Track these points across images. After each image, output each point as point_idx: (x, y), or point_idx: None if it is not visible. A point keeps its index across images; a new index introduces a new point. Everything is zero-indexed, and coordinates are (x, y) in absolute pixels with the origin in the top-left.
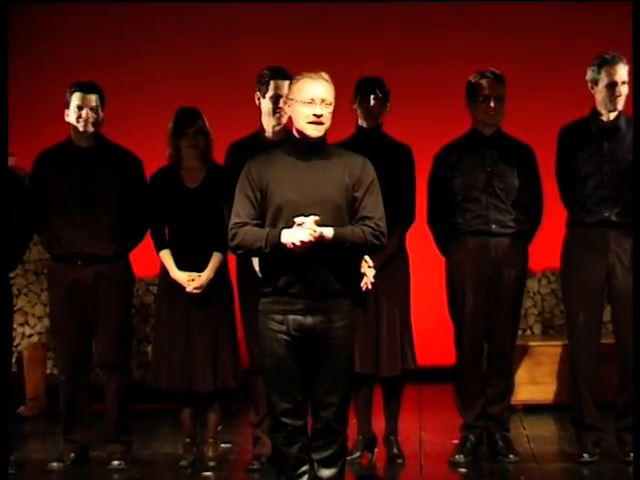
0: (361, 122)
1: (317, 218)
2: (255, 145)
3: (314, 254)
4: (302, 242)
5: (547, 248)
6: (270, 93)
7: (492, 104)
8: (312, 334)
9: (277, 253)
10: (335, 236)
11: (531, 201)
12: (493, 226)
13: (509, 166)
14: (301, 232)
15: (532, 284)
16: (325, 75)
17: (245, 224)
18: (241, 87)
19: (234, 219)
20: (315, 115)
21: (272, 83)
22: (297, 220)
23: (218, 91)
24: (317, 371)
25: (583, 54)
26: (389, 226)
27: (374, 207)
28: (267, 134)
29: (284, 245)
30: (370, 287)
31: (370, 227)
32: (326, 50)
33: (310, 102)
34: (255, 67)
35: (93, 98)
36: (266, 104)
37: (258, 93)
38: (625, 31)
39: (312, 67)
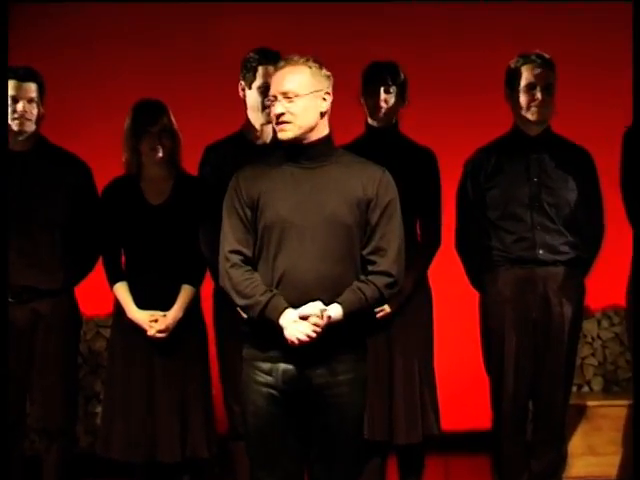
0: (371, 121)
1: (324, 307)
2: (239, 148)
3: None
4: (301, 340)
5: (609, 281)
6: (258, 82)
7: (538, 95)
8: (308, 390)
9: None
10: (345, 314)
11: (589, 220)
12: (540, 252)
13: (561, 175)
14: (306, 327)
15: (590, 327)
16: (296, 57)
17: (240, 256)
18: (220, 75)
19: (225, 245)
20: (275, 114)
21: (260, 69)
22: (301, 313)
23: (189, 80)
24: (315, 438)
25: None
26: (407, 254)
27: (391, 236)
28: (255, 134)
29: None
30: (388, 310)
31: (385, 275)
32: (327, 29)
33: (272, 100)
34: (239, 50)
35: (32, 88)
36: (253, 96)
37: (243, 83)
38: None
39: (308, 50)
